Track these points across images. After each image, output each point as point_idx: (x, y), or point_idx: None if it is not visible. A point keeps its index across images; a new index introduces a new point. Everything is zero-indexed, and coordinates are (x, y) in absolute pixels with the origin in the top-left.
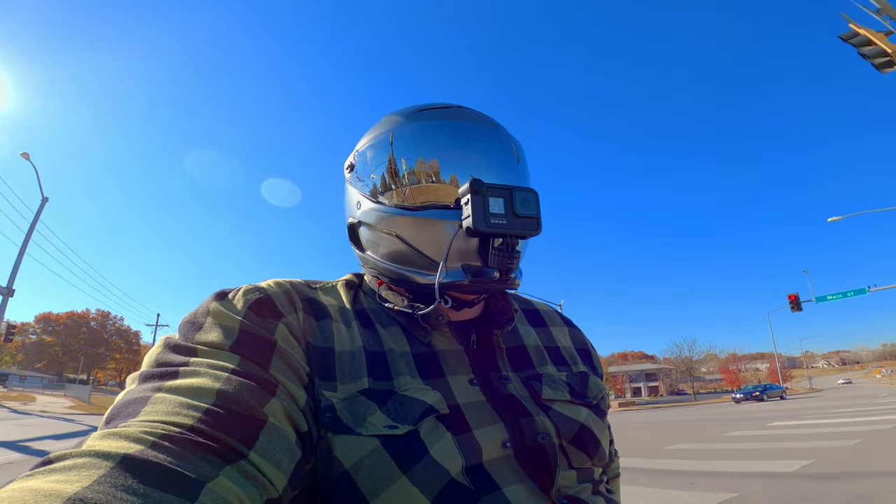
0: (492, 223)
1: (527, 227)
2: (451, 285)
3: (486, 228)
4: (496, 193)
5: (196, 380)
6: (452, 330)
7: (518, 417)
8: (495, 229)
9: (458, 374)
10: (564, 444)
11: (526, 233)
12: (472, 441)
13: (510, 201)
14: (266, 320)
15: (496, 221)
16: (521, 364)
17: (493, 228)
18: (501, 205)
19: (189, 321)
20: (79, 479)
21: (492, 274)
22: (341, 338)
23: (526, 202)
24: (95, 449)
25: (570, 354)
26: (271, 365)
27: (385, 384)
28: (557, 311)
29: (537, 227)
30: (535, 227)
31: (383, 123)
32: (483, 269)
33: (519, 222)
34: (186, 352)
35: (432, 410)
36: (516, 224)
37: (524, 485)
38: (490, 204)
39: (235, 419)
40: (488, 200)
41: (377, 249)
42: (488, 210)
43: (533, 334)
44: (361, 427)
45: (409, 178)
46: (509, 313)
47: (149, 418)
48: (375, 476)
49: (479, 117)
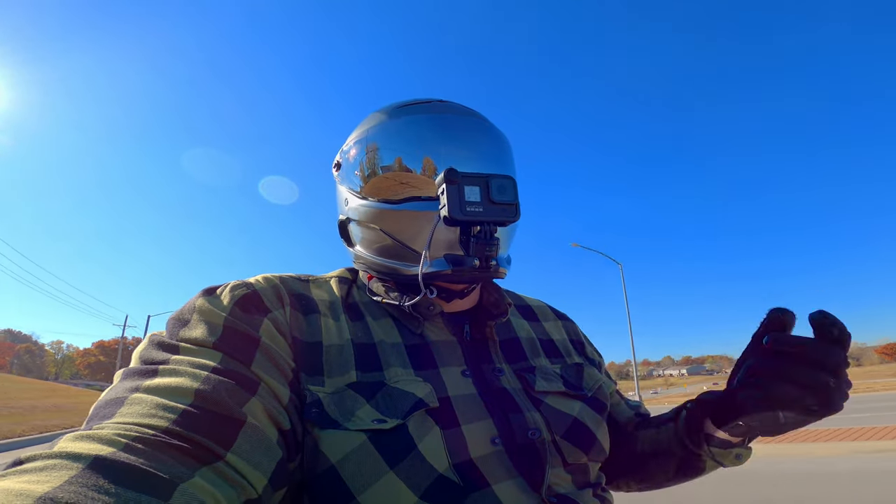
0: (467, 211)
1: (504, 214)
2: (434, 275)
3: (461, 216)
4: (472, 182)
5: (175, 379)
6: (445, 321)
7: (507, 413)
8: (471, 217)
9: (451, 366)
10: (557, 439)
11: (503, 219)
12: (460, 436)
13: (486, 189)
14: (251, 316)
15: (472, 209)
16: (514, 356)
17: (469, 216)
18: (478, 193)
19: (175, 318)
20: (49, 480)
21: (472, 262)
22: (329, 332)
23: (503, 189)
24: (67, 450)
25: (565, 347)
26: (254, 362)
27: (374, 376)
28: (550, 306)
29: (515, 214)
30: (513, 213)
31: (366, 121)
32: (464, 258)
33: (496, 209)
34: (169, 349)
35: (422, 404)
36: (493, 211)
37: (514, 482)
38: (466, 192)
39: (213, 420)
40: (464, 189)
41: (365, 244)
42: (464, 198)
43: (526, 326)
44: (349, 421)
45: (392, 173)
46: (503, 306)
47: (123, 420)
48: (362, 471)
49: (458, 110)
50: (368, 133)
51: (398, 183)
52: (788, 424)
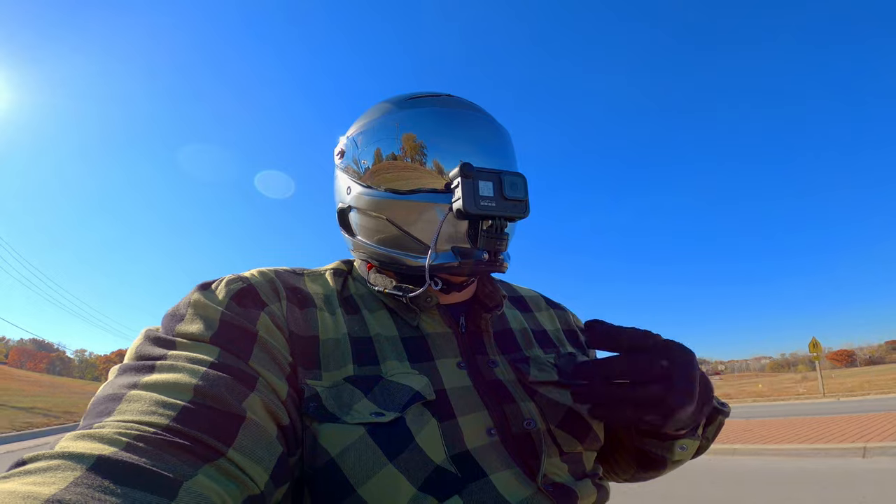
0: (481, 205)
1: (515, 210)
2: (441, 267)
3: (476, 210)
4: (486, 177)
5: (172, 375)
6: (442, 313)
7: (502, 404)
8: (485, 211)
9: (446, 358)
10: (552, 428)
11: (514, 215)
12: (456, 428)
13: (499, 185)
14: (248, 311)
15: (486, 204)
16: (509, 347)
17: (483, 210)
18: (491, 188)
19: (171, 313)
20: (54, 482)
21: (481, 255)
22: (325, 326)
23: (514, 185)
24: (69, 450)
25: (558, 337)
26: (251, 357)
27: (371, 369)
28: (543, 296)
29: (525, 210)
30: (524, 209)
31: (374, 111)
32: (472, 250)
33: (508, 205)
34: (166, 344)
35: (419, 397)
36: (505, 206)
37: (511, 471)
38: (480, 187)
39: (213, 416)
40: (478, 184)
41: (367, 233)
42: (478, 193)
43: (519, 317)
44: (347, 415)
45: (400, 163)
46: (498, 298)
47: (123, 418)
48: (362, 464)
49: (468, 105)
50: (377, 123)
51: (407, 173)
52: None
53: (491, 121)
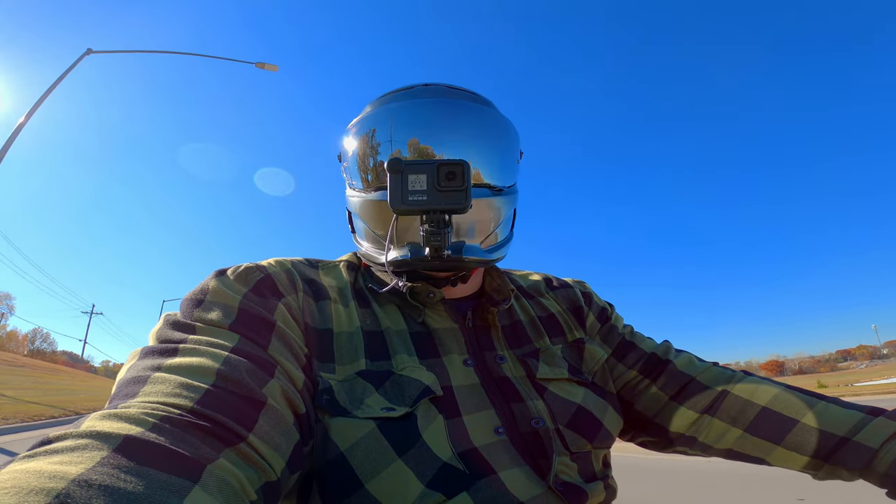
0: (409, 200)
1: (450, 201)
2: (401, 263)
3: (402, 206)
4: (417, 170)
5: (195, 359)
6: (447, 308)
7: (510, 403)
8: (413, 206)
9: (453, 354)
10: (561, 427)
11: (450, 206)
12: (461, 427)
13: (434, 176)
14: (266, 300)
15: (415, 199)
16: (517, 340)
17: (412, 206)
18: (424, 181)
19: (190, 298)
20: (81, 461)
21: (421, 252)
22: (340, 319)
23: (451, 175)
24: (96, 429)
25: (564, 319)
26: (270, 345)
27: (383, 364)
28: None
29: (464, 199)
30: (462, 199)
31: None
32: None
33: (441, 197)
34: (186, 329)
35: (429, 391)
36: (438, 199)
37: (521, 469)
38: (410, 181)
39: (235, 401)
40: (408, 178)
41: (357, 232)
42: (406, 188)
43: (527, 306)
44: (358, 409)
45: (366, 162)
46: (505, 291)
47: (148, 399)
48: (371, 458)
49: (436, 92)
50: (354, 125)
51: (369, 172)
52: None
53: (459, 105)
